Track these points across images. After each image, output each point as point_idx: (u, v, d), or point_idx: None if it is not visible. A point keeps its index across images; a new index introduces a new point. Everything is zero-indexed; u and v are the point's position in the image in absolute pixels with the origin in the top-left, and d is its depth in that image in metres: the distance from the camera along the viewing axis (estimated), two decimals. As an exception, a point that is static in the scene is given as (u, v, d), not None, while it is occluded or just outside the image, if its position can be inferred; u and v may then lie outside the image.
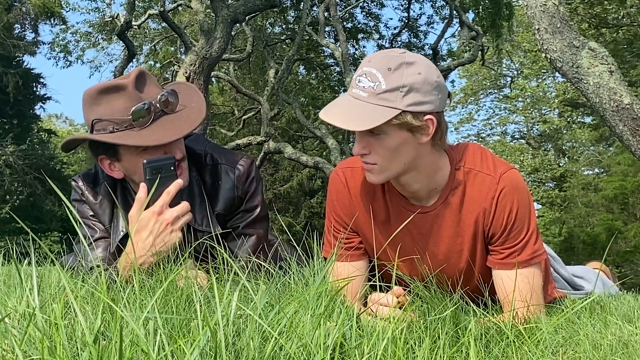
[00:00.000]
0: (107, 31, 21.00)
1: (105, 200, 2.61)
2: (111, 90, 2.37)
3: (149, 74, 2.50)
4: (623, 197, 26.30)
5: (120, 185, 2.62)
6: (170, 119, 2.41)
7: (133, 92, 2.36)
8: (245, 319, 1.47)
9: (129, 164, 2.45)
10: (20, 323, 1.46)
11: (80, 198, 2.65)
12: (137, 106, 2.34)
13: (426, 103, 2.09)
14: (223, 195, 2.58)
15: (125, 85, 2.37)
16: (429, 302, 1.92)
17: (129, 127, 2.36)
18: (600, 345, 1.74)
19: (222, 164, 2.62)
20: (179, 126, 2.38)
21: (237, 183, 2.60)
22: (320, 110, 2.22)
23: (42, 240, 20.33)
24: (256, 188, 2.65)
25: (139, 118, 2.35)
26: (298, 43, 16.61)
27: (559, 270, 2.92)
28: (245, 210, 2.61)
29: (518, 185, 2.26)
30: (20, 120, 24.54)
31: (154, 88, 2.44)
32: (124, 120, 2.35)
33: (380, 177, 2.24)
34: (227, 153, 2.68)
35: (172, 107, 2.44)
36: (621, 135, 4.98)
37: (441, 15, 20.89)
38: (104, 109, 2.37)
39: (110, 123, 2.37)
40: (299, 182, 25.22)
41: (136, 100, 2.35)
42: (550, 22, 5.20)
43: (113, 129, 2.37)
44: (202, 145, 2.68)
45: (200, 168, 2.63)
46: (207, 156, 2.64)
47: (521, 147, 35.84)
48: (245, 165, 2.63)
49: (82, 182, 2.66)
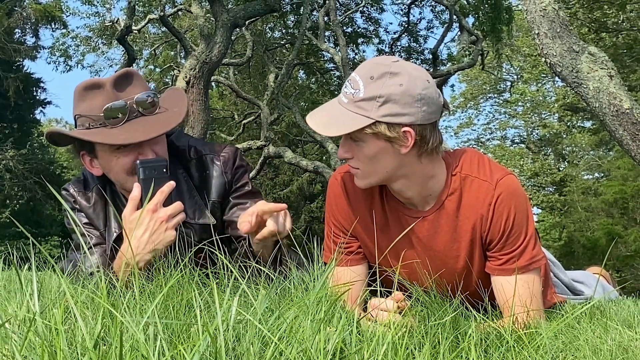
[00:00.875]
0: (107, 36, 21.04)
1: (98, 203, 2.64)
2: (93, 87, 2.42)
3: (138, 76, 2.53)
4: (623, 202, 26.31)
5: (109, 188, 2.64)
6: (145, 120, 2.43)
7: (110, 91, 2.40)
8: (245, 324, 1.47)
9: (103, 161, 2.48)
10: (21, 328, 1.46)
11: (72, 206, 2.66)
12: (109, 104, 2.37)
13: (404, 115, 2.07)
14: (214, 183, 2.62)
15: (103, 84, 2.41)
16: (429, 307, 1.92)
17: (102, 125, 2.39)
18: (600, 351, 1.74)
19: (207, 154, 2.65)
20: (151, 128, 2.40)
21: (225, 168, 2.63)
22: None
23: (42, 245, 20.29)
24: (245, 171, 2.70)
25: (111, 117, 2.38)
26: (298, 47, 16.61)
27: (558, 275, 2.92)
28: (236, 189, 2.65)
29: (515, 191, 2.26)
30: (21, 125, 24.57)
31: (137, 89, 2.46)
32: (98, 117, 2.39)
33: (364, 182, 2.26)
34: (210, 144, 2.72)
35: (150, 110, 2.46)
36: (621, 139, 4.98)
37: (441, 19, 20.93)
38: (85, 105, 2.42)
39: (88, 119, 2.41)
40: (299, 187, 25.24)
41: (112, 99, 2.39)
42: (550, 27, 5.21)
43: (89, 126, 2.41)
44: (185, 141, 2.70)
45: (186, 163, 2.65)
46: (191, 150, 2.66)
47: (521, 151, 35.85)
48: (230, 152, 2.68)
49: (73, 189, 2.68)
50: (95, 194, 2.64)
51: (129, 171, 2.44)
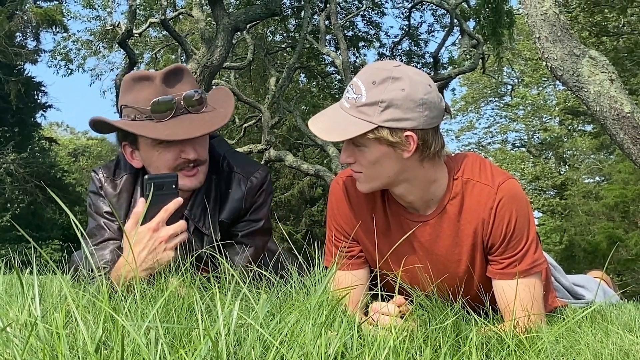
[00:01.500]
0: (108, 39, 21.07)
1: (124, 193, 2.61)
2: (142, 79, 2.42)
3: (188, 73, 2.52)
4: (624, 205, 26.29)
5: (141, 179, 2.61)
6: (191, 118, 2.42)
7: (159, 85, 2.39)
8: (247, 328, 1.47)
9: (145, 154, 2.48)
10: (22, 332, 1.46)
11: (97, 191, 2.64)
12: (157, 98, 2.37)
13: (406, 120, 2.08)
14: (230, 205, 2.58)
15: (154, 77, 2.41)
16: (430, 311, 1.92)
17: (148, 118, 2.39)
18: (601, 355, 1.74)
19: (237, 173, 2.62)
20: (195, 126, 2.39)
21: (247, 195, 2.59)
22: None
23: (43, 249, 20.34)
24: (264, 201, 2.64)
25: (158, 111, 2.37)
26: (299, 51, 16.63)
27: (559, 279, 2.92)
28: (249, 220, 2.61)
29: (516, 195, 2.26)
30: (22, 128, 24.57)
31: (187, 86, 2.46)
32: (144, 110, 2.38)
33: (366, 186, 2.26)
34: (244, 162, 2.68)
35: (197, 108, 2.45)
36: (622, 143, 4.98)
37: (442, 23, 20.97)
38: (132, 96, 2.42)
39: (134, 111, 2.41)
40: (300, 190, 25.23)
41: (160, 93, 2.39)
42: (551, 31, 5.21)
43: (134, 117, 2.41)
44: (223, 150, 2.68)
45: (217, 172, 2.63)
46: (224, 162, 2.64)
47: (522, 155, 35.87)
48: (259, 178, 2.62)
49: (102, 174, 2.65)
50: (123, 183, 2.62)
51: (170, 167, 2.43)
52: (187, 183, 2.47)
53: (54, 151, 28.88)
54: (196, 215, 2.55)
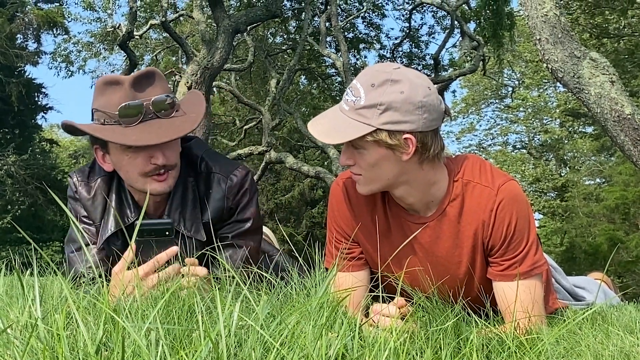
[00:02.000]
0: (108, 41, 21.06)
1: (98, 196, 2.61)
2: (113, 83, 2.41)
3: (160, 76, 2.51)
4: (624, 207, 26.28)
5: (116, 182, 2.62)
6: (160, 123, 2.41)
7: (129, 89, 2.38)
8: (247, 329, 1.47)
9: (115, 158, 2.48)
10: (23, 334, 1.46)
11: (73, 195, 2.65)
12: (125, 103, 2.36)
13: (405, 122, 2.08)
14: (212, 205, 2.57)
15: (123, 81, 2.40)
16: (431, 313, 1.92)
17: (117, 123, 2.37)
18: (601, 356, 1.74)
19: (215, 173, 2.61)
20: (164, 132, 2.38)
21: (228, 194, 2.58)
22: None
23: (44, 250, 20.30)
24: (250, 200, 2.63)
25: (126, 115, 2.36)
26: (299, 53, 16.63)
27: (560, 281, 2.92)
28: (236, 221, 2.60)
29: (516, 197, 2.26)
30: (22, 130, 24.58)
31: (157, 90, 2.44)
32: (113, 115, 2.37)
33: (366, 188, 2.26)
34: (222, 162, 2.67)
35: (167, 112, 2.43)
36: (622, 145, 4.98)
37: (442, 25, 20.96)
38: (103, 100, 2.40)
39: (103, 115, 2.40)
40: (300, 192, 25.22)
41: (129, 98, 2.37)
42: (552, 33, 5.21)
43: (104, 122, 2.40)
44: (200, 151, 2.67)
45: (196, 174, 2.62)
46: (202, 163, 2.63)
47: (522, 157, 35.83)
48: (239, 176, 2.61)
49: (77, 178, 2.67)
50: (98, 186, 2.62)
51: (140, 172, 2.43)
52: (157, 187, 2.46)
53: (54, 153, 28.87)
54: (175, 218, 2.55)
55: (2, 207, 22.48)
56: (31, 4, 24.51)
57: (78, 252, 2.55)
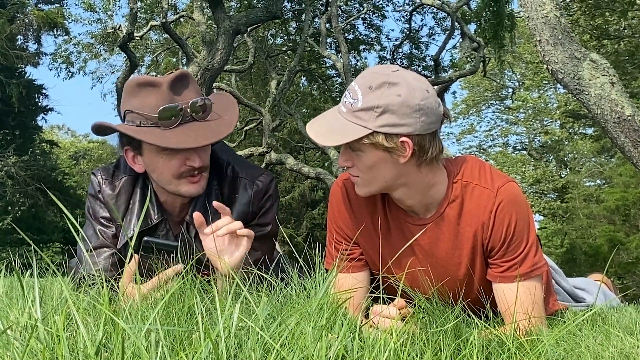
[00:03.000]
0: (109, 42, 21.07)
1: (122, 195, 2.62)
2: (148, 85, 2.41)
3: (193, 80, 2.52)
4: (625, 209, 26.30)
5: (141, 182, 2.62)
6: (198, 126, 2.42)
7: (166, 92, 2.38)
8: (247, 330, 1.47)
9: (148, 160, 2.48)
10: (23, 335, 1.46)
11: (95, 194, 2.64)
12: (165, 106, 2.36)
13: (402, 125, 2.07)
14: (237, 209, 2.57)
15: (160, 83, 2.40)
16: (431, 314, 1.92)
17: (155, 125, 2.38)
18: (601, 358, 1.74)
19: (242, 178, 2.61)
20: (203, 135, 2.39)
21: (254, 199, 2.59)
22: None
23: (44, 252, 20.30)
24: (272, 205, 2.64)
25: (165, 118, 2.36)
26: (300, 54, 16.65)
27: (560, 282, 2.92)
28: (257, 225, 2.59)
29: (516, 198, 2.26)
30: (22, 132, 24.60)
31: (192, 93, 2.45)
32: (151, 117, 2.37)
33: (364, 190, 2.26)
34: (248, 167, 2.68)
35: (203, 115, 2.45)
36: (623, 146, 4.98)
37: (443, 26, 20.97)
38: (137, 101, 2.40)
39: (139, 117, 2.39)
40: (301, 193, 25.25)
41: (167, 100, 2.37)
42: (552, 34, 5.21)
43: (140, 123, 2.39)
44: (226, 156, 2.67)
45: (221, 178, 2.62)
46: (229, 167, 2.63)
47: (523, 158, 35.84)
48: (265, 181, 2.62)
49: (101, 176, 2.66)
50: (122, 185, 2.62)
51: (174, 174, 2.44)
52: (191, 189, 2.48)
53: (54, 154, 28.89)
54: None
55: (2, 209, 22.49)
56: (31, 5, 24.52)
57: (89, 254, 2.54)
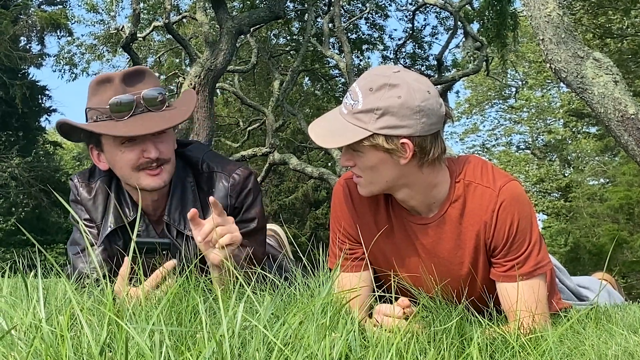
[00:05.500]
0: (112, 43, 21.05)
1: (99, 196, 2.65)
2: (105, 81, 2.46)
3: (151, 74, 2.55)
4: (628, 207, 26.22)
5: (115, 182, 2.65)
6: (151, 116, 2.45)
7: (119, 85, 2.43)
8: (251, 330, 1.47)
9: (109, 155, 2.51)
10: (27, 335, 1.46)
11: (75, 198, 2.69)
12: (115, 97, 2.41)
13: (402, 127, 2.07)
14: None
15: (113, 78, 2.45)
16: (434, 313, 1.92)
17: (109, 118, 2.42)
18: (605, 356, 1.74)
19: (217, 172, 2.62)
20: (155, 123, 2.42)
21: (231, 192, 2.59)
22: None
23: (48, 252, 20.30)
24: (254, 199, 2.63)
25: (117, 110, 2.41)
26: (303, 54, 16.63)
27: (564, 281, 2.91)
28: (241, 221, 2.57)
29: (518, 198, 2.25)
30: (26, 133, 24.62)
31: (148, 86, 2.49)
32: (105, 110, 2.42)
33: (366, 190, 2.27)
34: (224, 162, 2.69)
35: (157, 106, 2.48)
36: (626, 145, 4.97)
37: (445, 26, 20.92)
38: (96, 99, 2.46)
39: (96, 112, 2.45)
40: (304, 193, 25.23)
41: (119, 92, 2.42)
42: (555, 33, 5.20)
43: (96, 118, 2.45)
44: (201, 153, 2.69)
45: (197, 175, 2.64)
46: (204, 163, 2.65)
47: (526, 157, 35.79)
48: (242, 175, 2.62)
49: (78, 180, 2.70)
50: (98, 186, 2.65)
51: (133, 167, 2.46)
52: (150, 182, 2.49)
53: (58, 155, 28.88)
54: (175, 219, 2.57)
55: (6, 210, 22.52)
56: (34, 6, 24.54)
57: (82, 254, 2.57)
